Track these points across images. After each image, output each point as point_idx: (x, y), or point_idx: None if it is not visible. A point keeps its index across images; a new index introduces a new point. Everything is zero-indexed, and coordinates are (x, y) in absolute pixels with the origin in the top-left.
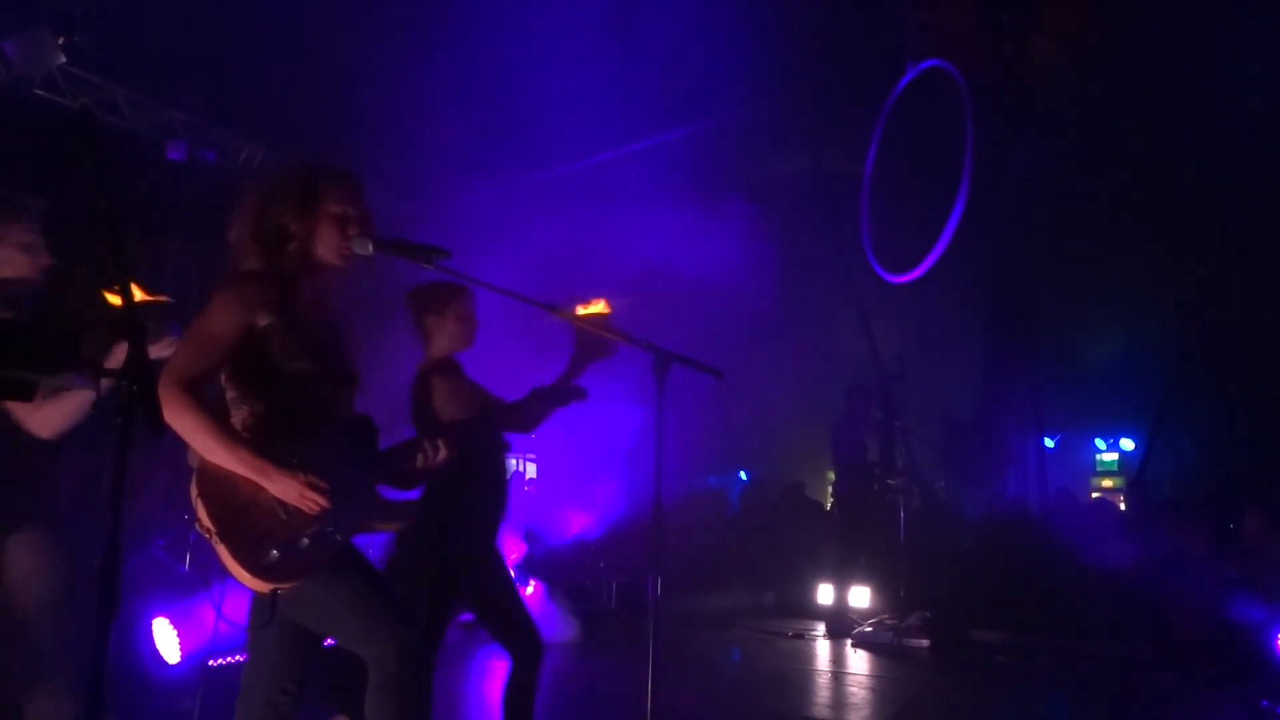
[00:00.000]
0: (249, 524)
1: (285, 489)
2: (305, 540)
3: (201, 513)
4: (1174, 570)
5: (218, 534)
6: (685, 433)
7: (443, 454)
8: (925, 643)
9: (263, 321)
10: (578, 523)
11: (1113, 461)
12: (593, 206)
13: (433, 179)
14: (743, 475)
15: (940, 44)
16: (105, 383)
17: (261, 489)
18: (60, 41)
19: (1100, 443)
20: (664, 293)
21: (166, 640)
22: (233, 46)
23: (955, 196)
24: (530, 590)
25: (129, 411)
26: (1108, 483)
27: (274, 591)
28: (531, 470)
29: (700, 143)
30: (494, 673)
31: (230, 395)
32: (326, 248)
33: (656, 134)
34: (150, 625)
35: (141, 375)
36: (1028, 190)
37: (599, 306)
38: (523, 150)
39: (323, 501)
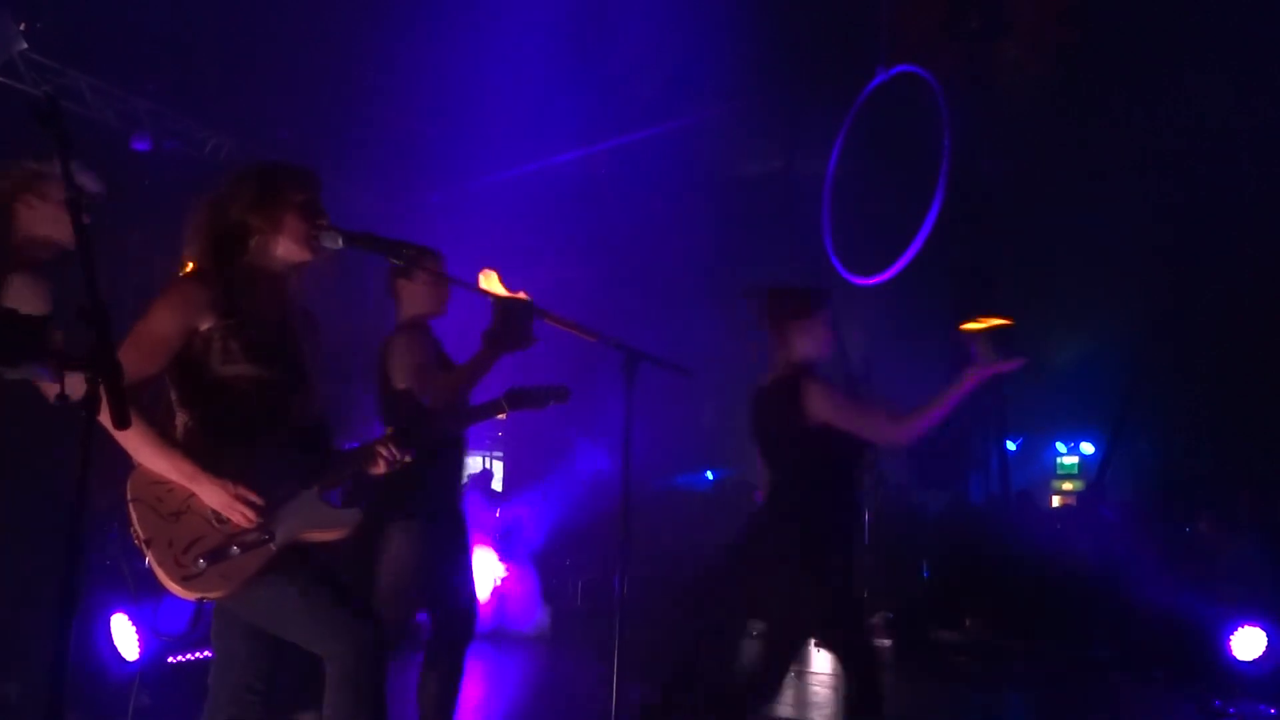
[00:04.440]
0: (179, 531)
1: (214, 497)
2: (236, 549)
3: (133, 517)
4: (1131, 572)
5: (145, 540)
6: (653, 432)
7: (405, 458)
8: (887, 642)
9: (205, 324)
10: (543, 520)
11: (1073, 465)
12: (563, 204)
13: (401, 172)
14: (709, 475)
15: (913, 49)
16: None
17: (195, 495)
18: (22, 27)
19: (1061, 446)
20: (634, 290)
21: (125, 637)
22: (199, 35)
23: (928, 202)
24: (502, 575)
25: (93, 404)
26: (1068, 485)
27: (200, 600)
28: (498, 468)
29: (670, 142)
30: (470, 672)
31: (173, 398)
32: (293, 239)
33: (626, 133)
34: (108, 622)
35: (107, 367)
36: (992, 195)
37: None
38: (493, 146)
39: (251, 513)
